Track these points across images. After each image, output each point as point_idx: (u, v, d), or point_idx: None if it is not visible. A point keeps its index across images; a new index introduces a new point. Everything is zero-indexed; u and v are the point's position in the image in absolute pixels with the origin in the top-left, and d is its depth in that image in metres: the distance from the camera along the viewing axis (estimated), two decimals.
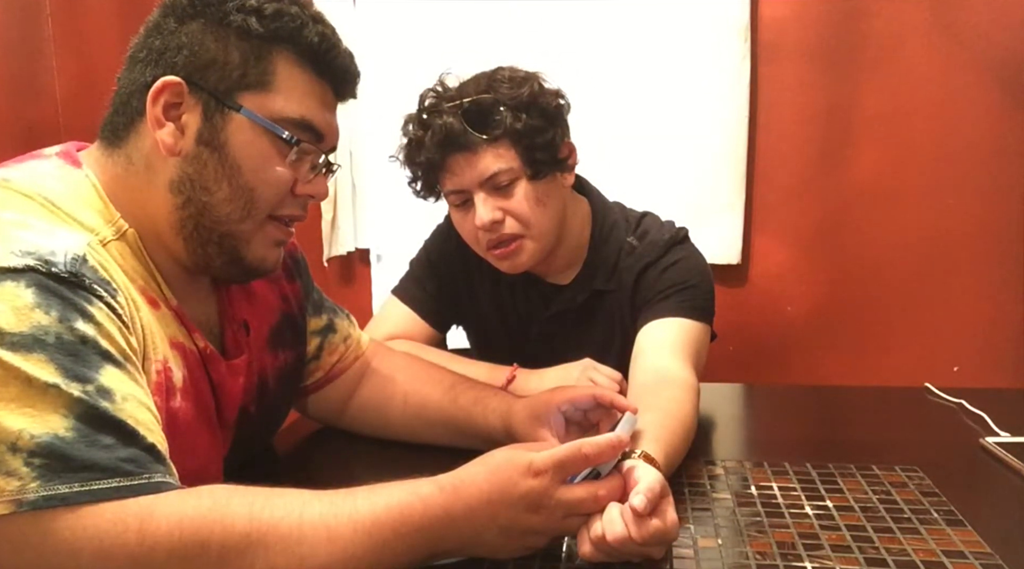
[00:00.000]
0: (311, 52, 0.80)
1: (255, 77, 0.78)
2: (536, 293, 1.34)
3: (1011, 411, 1.13)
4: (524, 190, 1.20)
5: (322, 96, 0.83)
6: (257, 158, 0.79)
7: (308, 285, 1.07)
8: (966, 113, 1.92)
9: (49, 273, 0.65)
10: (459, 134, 1.17)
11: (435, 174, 1.23)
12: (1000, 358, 1.96)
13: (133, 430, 0.64)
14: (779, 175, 2.03)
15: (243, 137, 0.78)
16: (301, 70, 0.80)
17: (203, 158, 0.77)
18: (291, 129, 0.80)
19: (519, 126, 1.18)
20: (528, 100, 1.19)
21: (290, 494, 0.67)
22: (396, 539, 0.66)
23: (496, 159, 1.18)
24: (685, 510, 0.83)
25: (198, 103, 0.77)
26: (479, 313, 1.38)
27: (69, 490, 0.60)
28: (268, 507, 0.65)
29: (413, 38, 2.10)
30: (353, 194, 2.17)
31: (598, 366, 1.20)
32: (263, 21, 0.78)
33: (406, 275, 1.41)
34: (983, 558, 0.72)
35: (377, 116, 2.13)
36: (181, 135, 0.77)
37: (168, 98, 0.76)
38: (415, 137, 1.23)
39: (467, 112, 1.18)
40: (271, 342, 0.96)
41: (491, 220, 1.19)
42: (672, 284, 1.22)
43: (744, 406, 1.31)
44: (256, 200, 0.80)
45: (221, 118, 0.77)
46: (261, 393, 0.94)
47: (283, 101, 0.79)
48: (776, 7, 1.97)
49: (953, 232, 1.97)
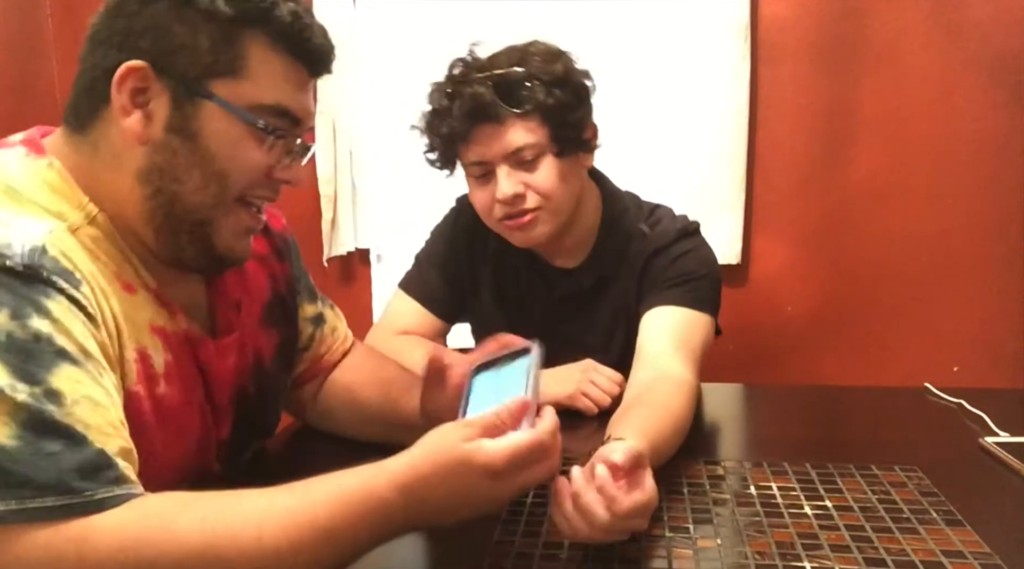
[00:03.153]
0: (284, 33, 0.76)
1: (226, 63, 0.74)
2: (541, 277, 1.33)
3: (1011, 411, 1.13)
4: (548, 166, 1.19)
5: (297, 78, 0.79)
6: (231, 146, 0.76)
7: (299, 269, 1.05)
8: (966, 113, 1.92)
9: (3, 267, 0.62)
10: (488, 105, 1.16)
11: (457, 145, 1.21)
12: (1000, 358, 1.96)
13: (81, 435, 0.61)
14: (779, 175, 2.03)
15: (216, 125, 0.75)
16: (274, 52, 0.77)
17: (173, 146, 0.74)
18: (266, 116, 0.77)
19: (550, 101, 1.17)
20: (561, 76, 1.18)
21: (245, 501, 0.64)
22: (355, 539, 0.65)
23: (524, 133, 1.17)
24: (685, 510, 0.83)
25: (166, 90, 0.73)
26: (480, 304, 1.38)
27: (5, 508, 0.58)
28: (223, 519, 0.62)
29: (413, 38, 2.10)
30: (353, 194, 2.17)
31: (599, 367, 1.20)
32: (232, 3, 0.74)
33: (412, 268, 1.41)
34: (982, 558, 0.72)
35: (377, 116, 2.13)
36: (149, 122, 0.74)
37: (134, 83, 0.73)
38: (441, 105, 1.21)
39: (498, 84, 1.16)
40: (264, 320, 0.95)
41: (513, 194, 1.18)
42: (680, 273, 1.22)
43: (744, 406, 1.31)
44: (229, 186, 0.77)
45: (192, 106, 0.74)
46: (258, 372, 0.93)
47: (257, 87, 0.76)
48: (776, 7, 1.97)
49: (953, 232, 1.97)
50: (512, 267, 1.34)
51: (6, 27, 2.03)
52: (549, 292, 1.33)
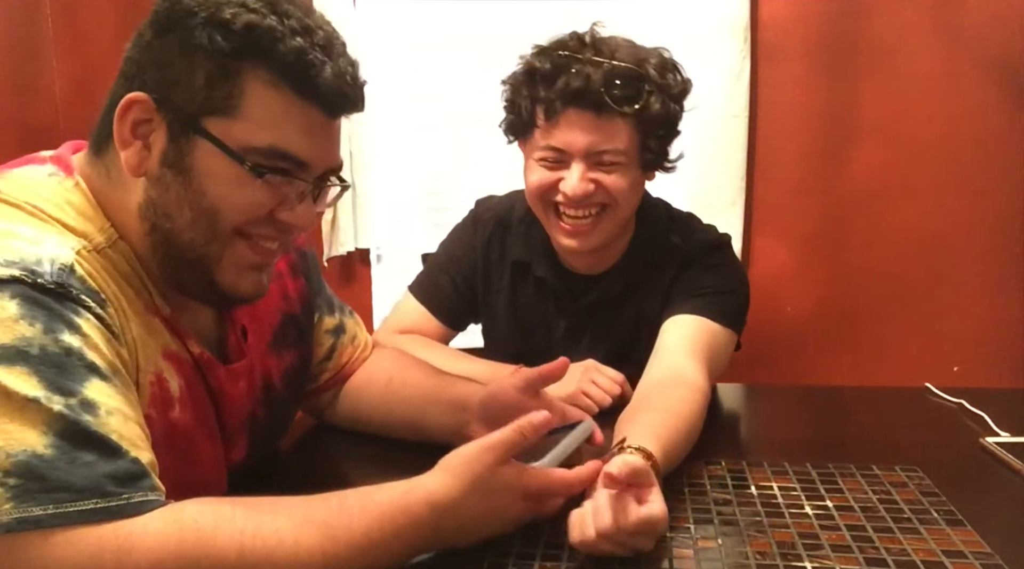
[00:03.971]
0: (287, 70, 0.72)
1: (219, 101, 0.71)
2: (566, 286, 1.30)
3: (1011, 411, 1.12)
4: (625, 174, 1.15)
5: (304, 119, 0.74)
6: (222, 184, 0.73)
7: (317, 283, 1.04)
8: (966, 113, 1.92)
9: (35, 284, 0.63)
10: (595, 93, 1.09)
11: (541, 120, 1.15)
12: (1000, 358, 1.96)
13: (116, 445, 0.63)
14: (779, 175, 2.03)
15: (208, 162, 0.72)
16: (275, 91, 0.72)
17: (166, 181, 0.73)
18: (259, 158, 0.72)
19: (655, 113, 1.12)
20: (676, 92, 1.15)
21: (282, 514, 0.65)
22: (387, 554, 0.68)
23: (618, 135, 1.12)
24: (685, 510, 0.82)
25: (164, 123, 0.72)
26: (493, 315, 1.36)
27: (43, 512, 0.58)
28: (260, 535, 0.63)
29: (413, 38, 2.10)
30: (353, 194, 2.17)
31: (600, 367, 1.19)
32: (230, 37, 0.70)
33: (423, 271, 1.40)
34: (983, 558, 0.72)
35: (377, 116, 2.13)
36: (148, 154, 0.73)
37: (137, 115, 0.72)
38: (545, 72, 1.13)
39: (613, 75, 1.10)
40: (274, 344, 0.94)
41: (583, 193, 1.14)
42: (709, 285, 1.20)
43: (744, 406, 1.31)
44: (219, 223, 0.74)
45: (187, 141, 0.72)
46: (267, 397, 0.92)
47: (250, 128, 0.72)
48: (776, 7, 1.97)
49: (953, 232, 1.97)
50: (533, 277, 1.31)
51: (6, 27, 2.02)
52: (574, 301, 1.30)
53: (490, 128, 1.33)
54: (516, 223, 1.34)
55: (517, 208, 1.35)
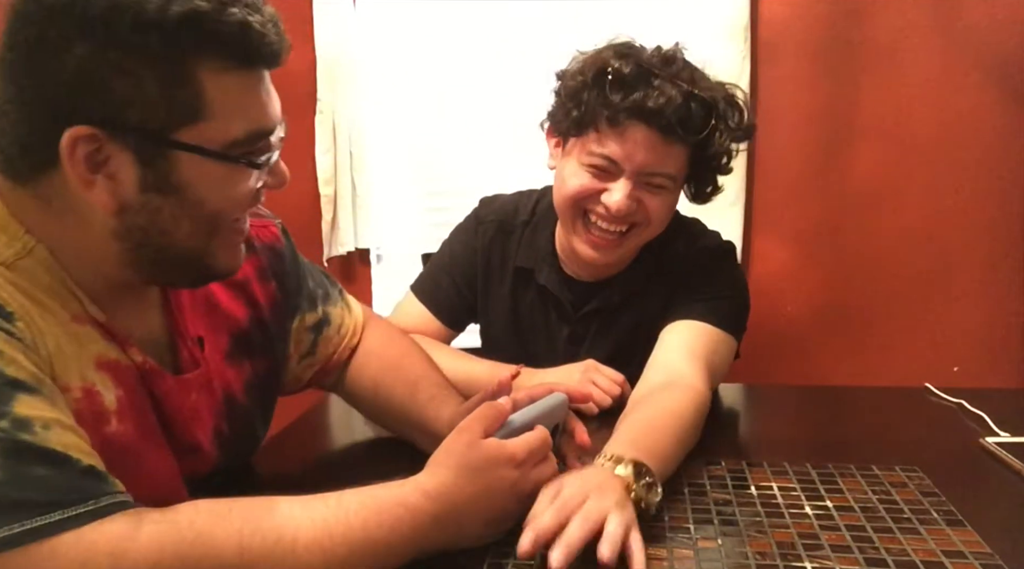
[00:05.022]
0: (234, 49, 0.66)
1: (184, 109, 0.65)
2: (570, 293, 1.29)
3: (1011, 411, 1.12)
4: (667, 198, 1.15)
5: (258, 87, 0.69)
6: (222, 186, 0.69)
7: (296, 280, 0.98)
8: (966, 113, 1.92)
9: None
10: (670, 113, 1.07)
11: (603, 125, 1.11)
12: (1000, 358, 1.96)
13: (63, 455, 0.60)
14: (779, 175, 2.03)
15: (198, 172, 0.67)
16: (230, 74, 0.66)
17: (155, 204, 0.67)
18: (243, 148, 0.69)
19: (715, 147, 1.12)
20: (737, 130, 1.14)
21: (279, 511, 0.65)
22: (387, 550, 0.68)
23: (673, 160, 1.12)
24: (685, 510, 0.82)
25: (125, 148, 0.64)
26: (489, 320, 1.36)
27: (9, 533, 0.56)
28: (259, 532, 0.63)
29: (413, 38, 2.10)
30: (353, 194, 2.17)
31: (600, 367, 1.19)
32: (169, 37, 0.62)
33: (424, 271, 1.40)
34: (983, 558, 0.72)
35: (377, 116, 2.13)
36: (116, 184, 0.65)
37: (85, 150, 0.63)
38: (624, 78, 1.09)
39: (690, 101, 1.09)
40: (232, 354, 0.88)
41: (627, 210, 1.12)
42: (709, 291, 1.19)
43: (744, 406, 1.31)
44: (223, 221, 0.72)
45: (164, 160, 0.65)
46: (230, 409, 0.87)
47: (225, 123, 0.67)
48: (776, 7, 1.97)
49: (953, 232, 1.97)
50: (536, 285, 1.30)
51: None
52: (576, 308, 1.29)
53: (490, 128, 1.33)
54: (520, 227, 1.33)
55: (521, 212, 1.34)
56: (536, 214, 1.33)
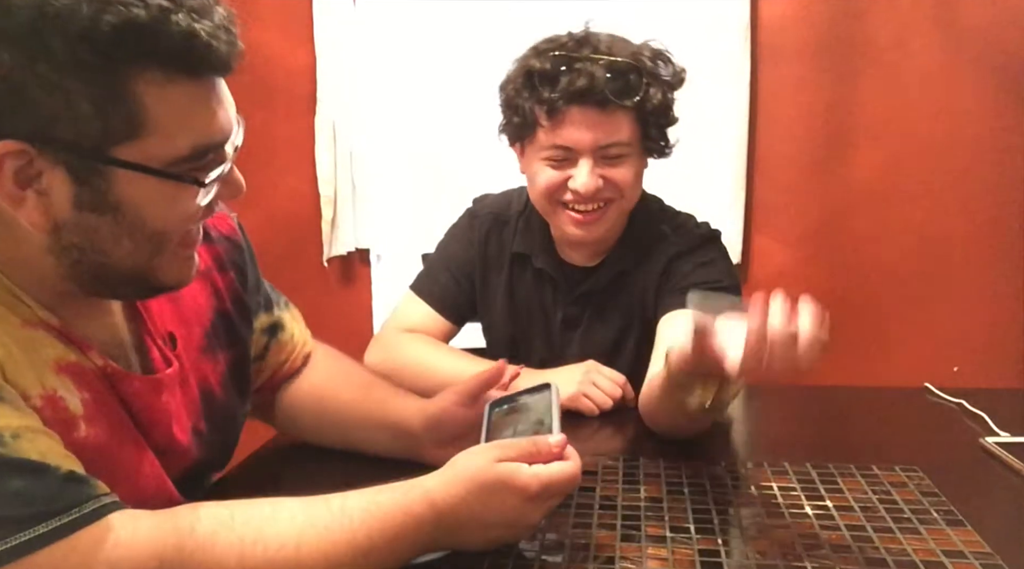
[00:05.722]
0: (177, 59, 0.60)
1: (121, 125, 0.59)
2: (563, 277, 1.33)
3: (1011, 411, 1.12)
4: (630, 165, 1.18)
5: (207, 98, 0.64)
6: (164, 203, 0.64)
7: (254, 278, 0.95)
8: (966, 113, 1.92)
9: None
10: (599, 89, 1.12)
11: (546, 120, 1.16)
12: (1000, 358, 1.96)
13: (39, 463, 0.57)
14: (779, 175, 2.03)
15: (136, 190, 0.62)
16: (172, 86, 0.61)
17: (90, 223, 0.62)
18: (188, 165, 0.63)
19: (655, 103, 1.15)
20: (671, 81, 1.18)
21: (282, 518, 0.64)
22: (390, 556, 0.67)
23: (621, 128, 1.15)
24: (685, 510, 0.82)
25: (57, 164, 0.60)
26: (491, 309, 1.38)
27: None
28: (261, 541, 0.62)
29: (413, 38, 2.10)
30: (353, 194, 2.17)
31: (601, 368, 1.19)
32: (102, 50, 0.57)
33: (422, 271, 1.42)
34: (983, 558, 0.72)
35: (377, 116, 2.13)
36: (47, 200, 0.61)
37: (13, 163, 0.59)
38: (545, 73, 1.15)
39: (614, 70, 1.13)
40: (207, 347, 0.85)
41: (595, 188, 1.16)
42: (704, 280, 1.21)
43: (744, 406, 1.31)
44: (167, 240, 0.67)
45: (100, 178, 0.61)
46: (207, 404, 0.84)
47: (164, 140, 0.61)
48: (776, 7, 1.97)
49: (953, 232, 1.97)
50: (532, 270, 1.34)
51: None
52: (571, 291, 1.32)
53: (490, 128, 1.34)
54: (514, 218, 1.37)
55: (515, 204, 1.38)
56: (528, 205, 1.37)
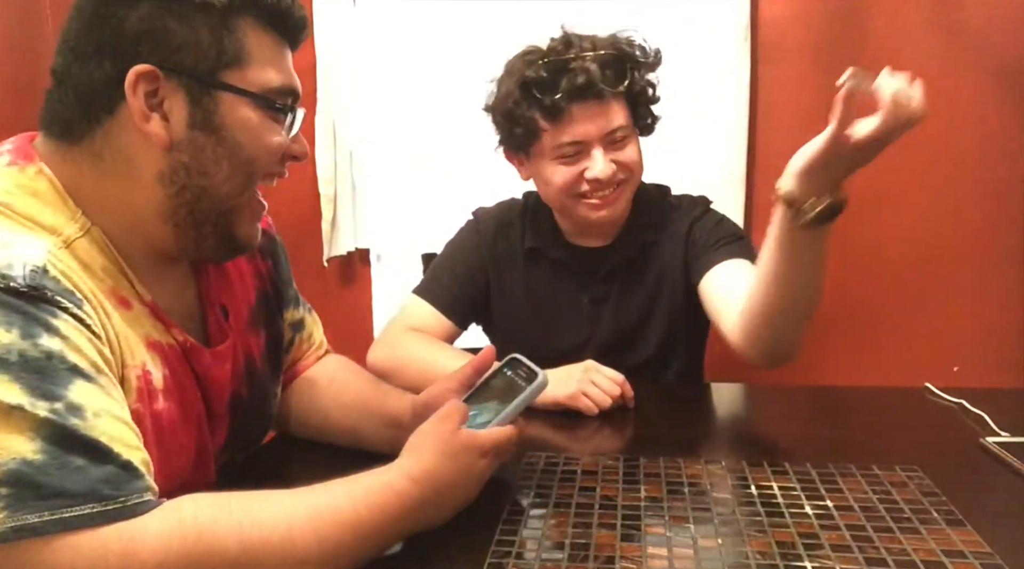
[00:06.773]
0: (271, 14, 0.78)
1: (232, 53, 0.75)
2: (583, 261, 1.38)
3: (1011, 411, 1.12)
4: (634, 143, 1.31)
5: (284, 54, 0.81)
6: (255, 133, 0.77)
7: (286, 271, 1.04)
8: (966, 113, 1.92)
9: (7, 288, 0.61)
10: (595, 83, 1.22)
11: (546, 124, 1.26)
12: (1000, 358, 1.96)
13: (107, 447, 0.62)
14: (779, 175, 2.03)
15: (238, 115, 0.76)
16: (266, 34, 0.78)
17: (199, 143, 0.75)
18: (278, 97, 0.78)
19: (641, 85, 1.28)
20: (652, 62, 1.31)
21: (274, 502, 0.68)
22: (377, 532, 0.71)
23: (617, 113, 1.27)
24: (685, 509, 0.83)
25: (179, 88, 0.73)
26: (509, 306, 1.41)
27: (39, 520, 0.58)
28: (257, 524, 0.65)
29: (413, 38, 2.10)
30: (353, 194, 2.17)
31: (600, 368, 1.20)
32: None
33: (427, 276, 1.44)
34: (983, 558, 0.72)
35: (377, 116, 2.13)
36: (167, 123, 0.74)
37: (145, 87, 0.72)
38: (542, 81, 1.24)
39: (605, 63, 1.24)
40: (252, 322, 0.94)
41: (612, 172, 1.26)
42: (729, 233, 1.34)
43: (744, 406, 1.31)
44: (255, 172, 0.79)
45: (211, 100, 0.75)
46: (250, 375, 0.92)
47: (262, 71, 0.77)
48: (776, 7, 1.97)
49: (953, 232, 1.97)
50: (547, 261, 1.38)
51: (6, 27, 2.03)
52: (592, 273, 1.37)
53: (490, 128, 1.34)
54: (518, 218, 1.42)
55: (516, 208, 1.42)
56: (531, 205, 1.43)
